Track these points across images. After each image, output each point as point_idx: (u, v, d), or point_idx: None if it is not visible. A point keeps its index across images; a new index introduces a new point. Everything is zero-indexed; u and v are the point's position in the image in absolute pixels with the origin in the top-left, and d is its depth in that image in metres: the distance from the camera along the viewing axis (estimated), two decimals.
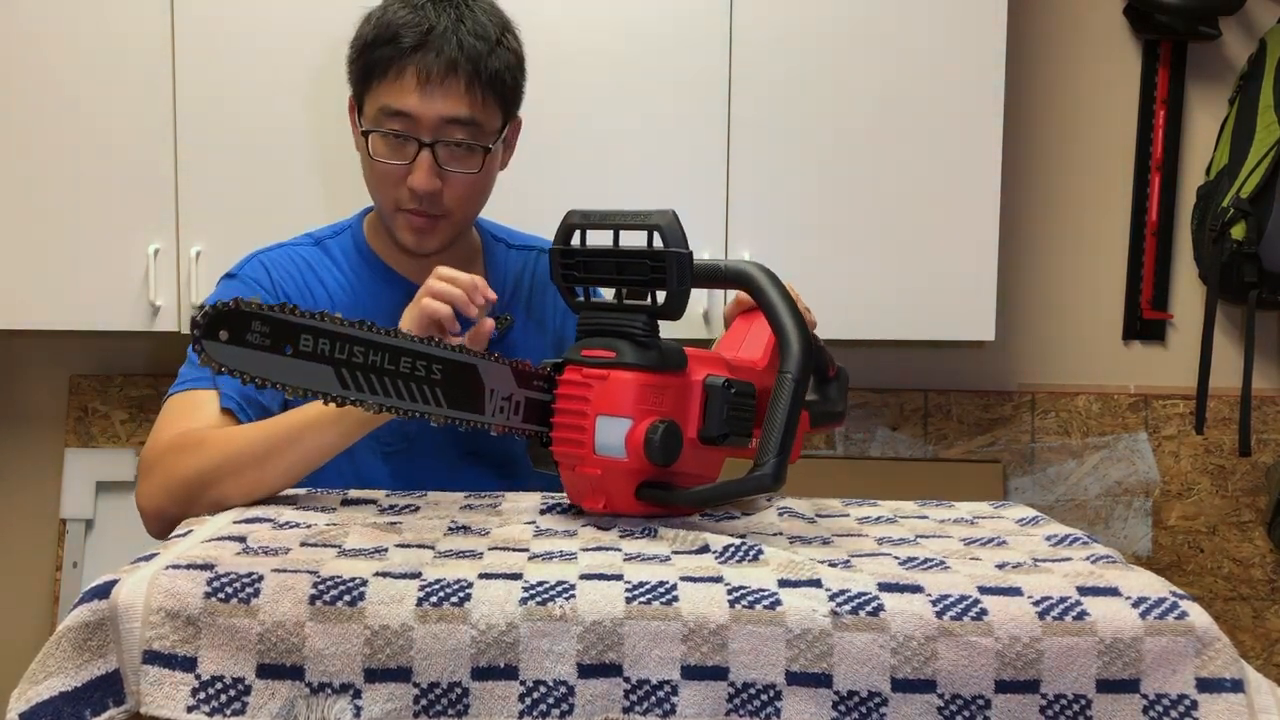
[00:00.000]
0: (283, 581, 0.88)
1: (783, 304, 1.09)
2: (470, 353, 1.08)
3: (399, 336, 1.04)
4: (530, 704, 0.86)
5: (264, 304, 0.98)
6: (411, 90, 1.34)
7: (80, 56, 2.17)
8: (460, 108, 1.35)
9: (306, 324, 0.99)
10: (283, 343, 0.98)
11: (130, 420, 2.54)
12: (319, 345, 0.99)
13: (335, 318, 1.01)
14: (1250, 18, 2.55)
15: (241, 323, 0.96)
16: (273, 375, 0.98)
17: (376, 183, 1.40)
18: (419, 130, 1.35)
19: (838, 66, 2.23)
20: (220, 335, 0.95)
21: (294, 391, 0.99)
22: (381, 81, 1.36)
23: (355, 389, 1.02)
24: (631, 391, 1.07)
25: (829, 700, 0.87)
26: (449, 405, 1.07)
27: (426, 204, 1.38)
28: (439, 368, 1.06)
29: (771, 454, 1.04)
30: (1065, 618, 0.89)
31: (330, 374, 1.00)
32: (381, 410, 1.04)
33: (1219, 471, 2.60)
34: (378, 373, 1.02)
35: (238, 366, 0.96)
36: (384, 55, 1.35)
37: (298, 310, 0.99)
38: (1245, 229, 2.37)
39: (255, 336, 0.97)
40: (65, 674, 0.87)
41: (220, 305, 0.96)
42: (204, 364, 0.95)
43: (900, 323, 2.27)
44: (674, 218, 1.07)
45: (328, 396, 1.00)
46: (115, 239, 2.19)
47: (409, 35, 1.33)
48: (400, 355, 1.03)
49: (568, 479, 1.13)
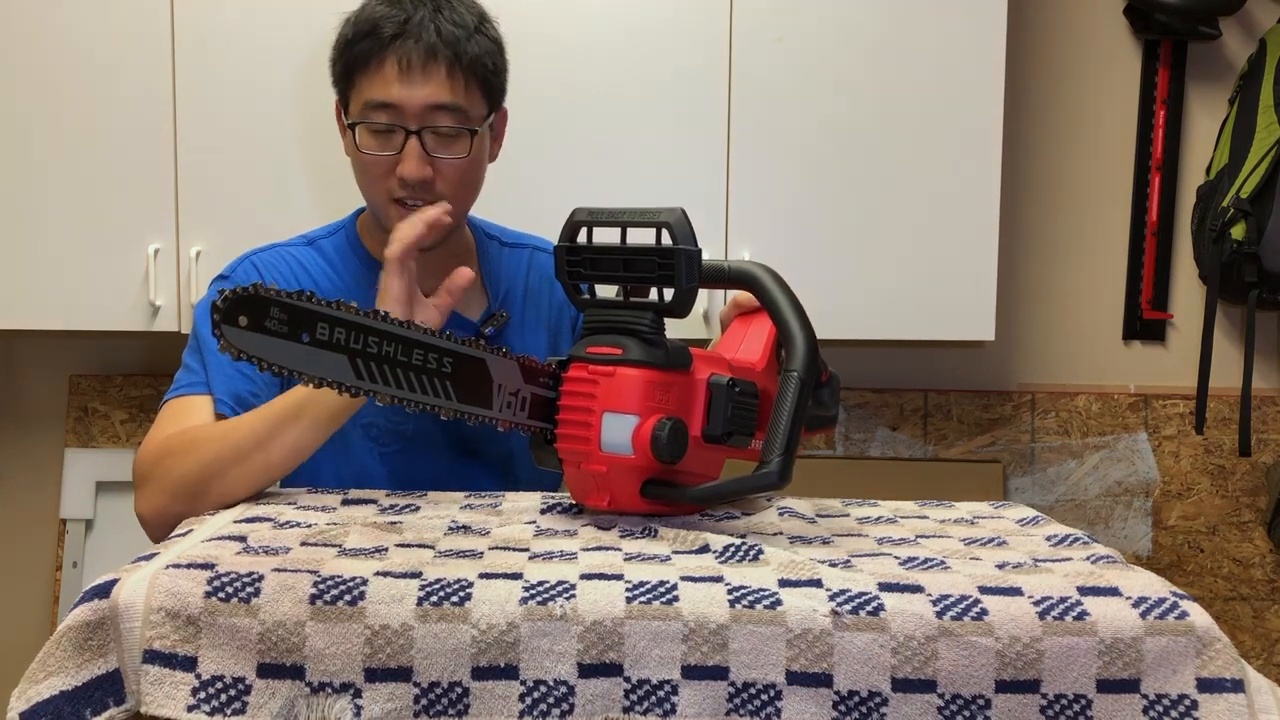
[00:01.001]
0: (283, 581, 0.88)
1: (788, 304, 1.10)
2: (479, 347, 1.09)
3: (412, 328, 1.05)
4: (530, 704, 0.86)
5: (282, 290, 0.98)
6: (393, 79, 1.34)
7: (80, 57, 2.17)
8: (443, 93, 1.36)
9: (324, 312, 1.00)
10: (300, 330, 0.98)
11: (130, 420, 2.55)
12: (335, 334, 1.00)
13: (351, 307, 1.01)
14: (1250, 18, 2.55)
15: (261, 308, 0.97)
16: (289, 363, 0.98)
17: (366, 176, 1.41)
18: (404, 119, 1.36)
19: (838, 66, 2.23)
20: (240, 321, 0.96)
21: (310, 380, 1.00)
22: (363, 75, 1.36)
23: (369, 379, 1.02)
24: (638, 388, 1.07)
25: (829, 700, 0.87)
26: (458, 399, 1.07)
27: (419, 192, 1.38)
28: (449, 360, 1.06)
29: (777, 452, 1.04)
30: (1065, 618, 0.89)
31: (345, 363, 1.01)
32: (394, 401, 1.04)
33: (1219, 471, 2.60)
34: (390, 364, 1.03)
35: (256, 353, 0.97)
36: (364, 49, 1.36)
37: (315, 298, 1.00)
38: (1245, 229, 2.37)
39: (274, 323, 0.97)
40: (65, 673, 0.87)
41: (240, 290, 0.96)
42: (223, 350, 0.96)
43: (900, 323, 2.27)
44: (683, 215, 1.08)
45: (342, 386, 1.01)
46: (115, 239, 2.19)
47: (388, 26, 1.35)
48: (413, 347, 1.04)
49: (571, 476, 1.13)
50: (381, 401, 1.04)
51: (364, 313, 1.02)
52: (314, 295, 1.00)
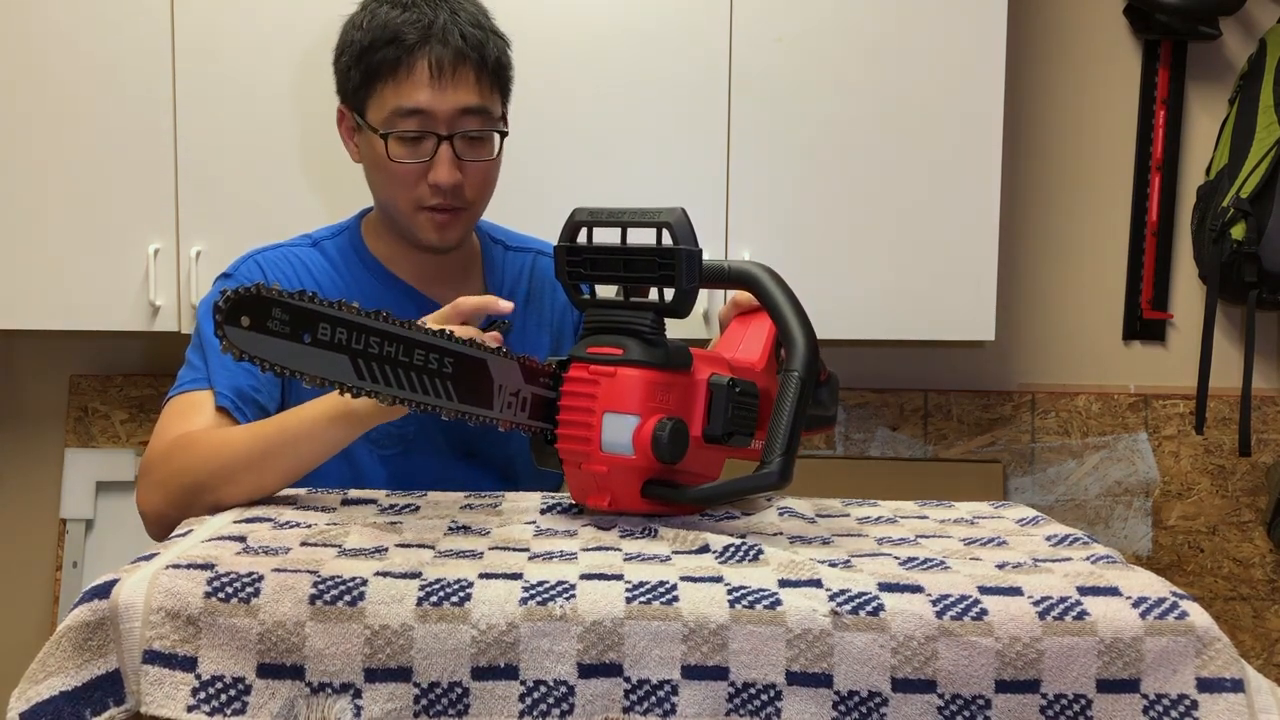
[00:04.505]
0: (283, 581, 0.88)
1: (788, 304, 1.10)
2: (480, 347, 1.09)
3: (413, 328, 1.05)
4: (530, 704, 0.86)
5: (284, 290, 0.98)
6: (424, 85, 1.34)
7: (80, 57, 2.17)
8: (472, 97, 1.36)
9: (326, 312, 0.99)
10: (302, 330, 0.98)
11: (130, 420, 2.54)
12: (337, 334, 1.00)
13: (353, 307, 1.01)
14: (1250, 18, 2.55)
15: (263, 309, 0.96)
16: (291, 363, 0.98)
17: (395, 185, 1.39)
18: (435, 125, 1.35)
19: (838, 66, 2.23)
20: (242, 321, 0.95)
21: (312, 380, 0.99)
22: (389, 82, 1.35)
23: (370, 379, 1.02)
24: (639, 389, 1.07)
25: (829, 700, 0.87)
26: (459, 399, 1.07)
27: (450, 198, 1.38)
28: (450, 361, 1.06)
29: (778, 452, 1.04)
30: (1065, 618, 0.89)
31: (347, 364, 1.01)
32: (395, 402, 1.04)
33: (1219, 471, 2.60)
34: (392, 364, 1.03)
35: (258, 353, 0.96)
36: (389, 56, 1.34)
37: (318, 298, 0.99)
38: (1245, 229, 2.37)
39: (276, 323, 0.97)
40: (65, 674, 0.87)
41: (243, 290, 0.96)
42: (225, 350, 0.95)
43: (900, 323, 2.27)
44: (683, 215, 1.07)
45: (344, 386, 1.01)
46: (115, 239, 2.19)
47: (411, 32, 1.34)
48: (415, 347, 1.04)
49: (572, 476, 1.13)
50: (383, 401, 1.03)
51: (365, 313, 1.02)
52: (316, 295, 1.00)
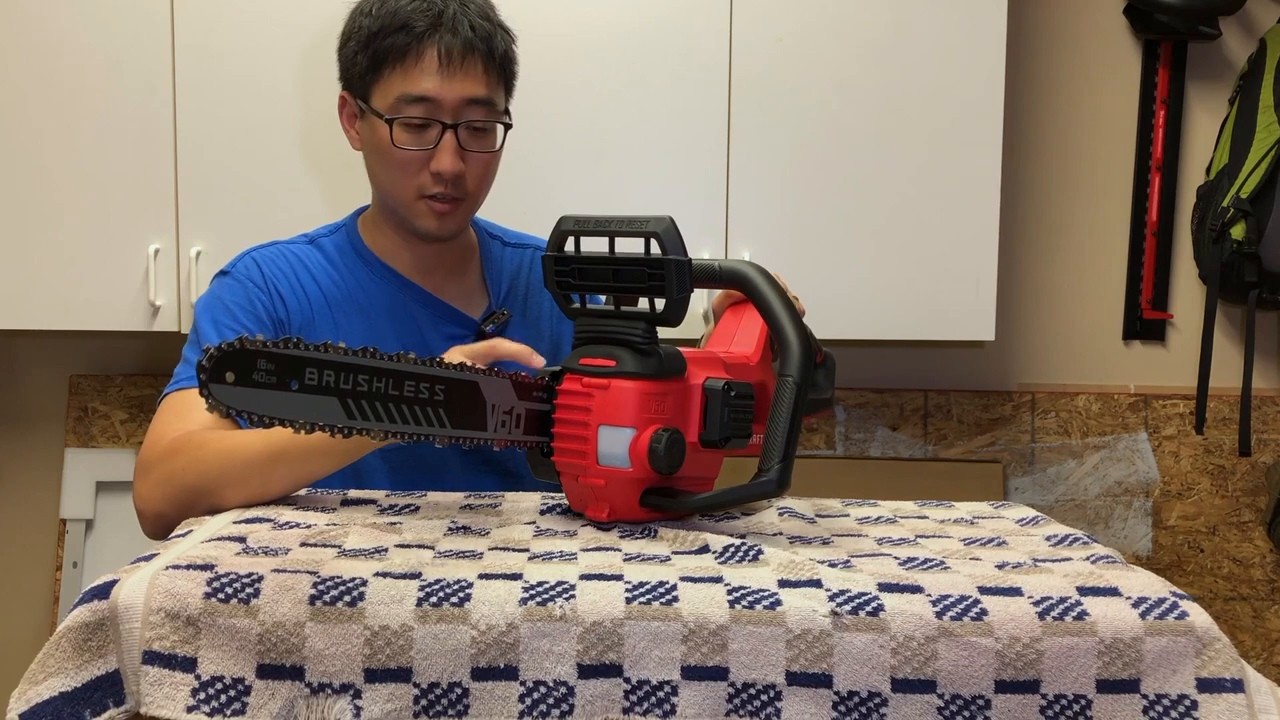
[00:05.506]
0: (283, 582, 0.88)
1: (780, 304, 1.09)
2: (470, 369, 1.07)
3: (401, 360, 1.03)
4: (530, 704, 0.86)
5: (268, 340, 0.96)
6: (432, 73, 1.34)
7: (80, 57, 2.17)
8: (479, 88, 1.37)
9: (312, 357, 0.98)
10: (289, 378, 0.96)
11: (130, 420, 2.55)
12: (324, 377, 0.98)
13: (339, 348, 0.99)
14: (1250, 18, 2.55)
15: (247, 363, 0.95)
16: (279, 412, 0.96)
17: (397, 172, 1.39)
18: (440, 113, 1.36)
19: (838, 66, 2.23)
20: (227, 378, 0.94)
21: (301, 427, 0.98)
22: (397, 69, 1.36)
23: (360, 418, 1.00)
24: (633, 400, 1.06)
25: (829, 700, 0.87)
26: (452, 425, 1.05)
27: (451, 187, 1.38)
28: (441, 388, 1.04)
29: (776, 459, 1.04)
30: (1065, 618, 0.88)
31: (336, 405, 0.99)
32: (387, 438, 1.03)
33: (1219, 471, 2.60)
34: (382, 399, 1.01)
35: (245, 407, 0.95)
36: (397, 42, 1.35)
37: (303, 343, 0.98)
38: (1245, 229, 2.37)
39: (261, 375, 0.95)
40: (65, 674, 0.87)
41: (225, 346, 0.94)
42: (211, 410, 0.94)
43: (900, 323, 2.28)
44: (671, 224, 1.05)
45: (334, 429, 0.99)
46: (115, 239, 2.19)
47: (420, 20, 1.34)
48: (404, 379, 1.02)
49: (570, 488, 1.12)
50: (376, 439, 1.02)
51: (351, 352, 1.00)
52: (300, 340, 0.98)
